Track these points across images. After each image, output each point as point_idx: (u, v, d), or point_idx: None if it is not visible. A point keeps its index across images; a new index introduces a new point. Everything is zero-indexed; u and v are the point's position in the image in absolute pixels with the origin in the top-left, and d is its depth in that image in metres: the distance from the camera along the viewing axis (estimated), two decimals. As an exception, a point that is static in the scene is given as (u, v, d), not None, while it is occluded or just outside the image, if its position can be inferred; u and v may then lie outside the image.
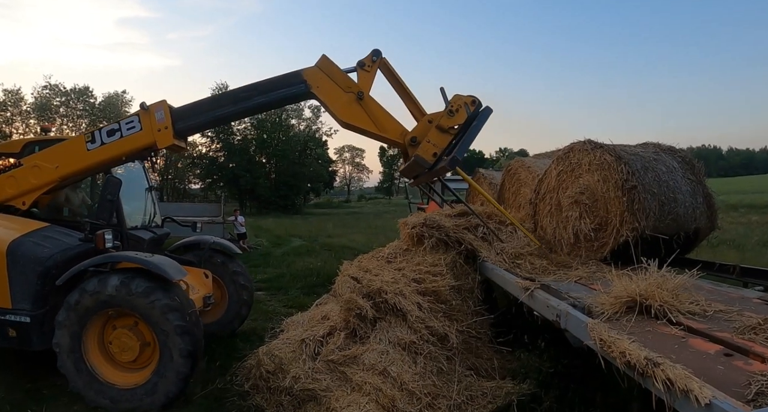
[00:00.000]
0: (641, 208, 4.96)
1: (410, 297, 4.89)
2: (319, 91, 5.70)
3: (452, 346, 4.68)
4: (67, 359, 4.86)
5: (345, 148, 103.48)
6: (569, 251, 5.82)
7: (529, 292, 3.85)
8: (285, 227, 26.12)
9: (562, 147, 6.38)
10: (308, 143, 53.49)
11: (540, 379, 4.48)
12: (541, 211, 6.41)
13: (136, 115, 5.65)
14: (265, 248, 17.50)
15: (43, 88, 49.93)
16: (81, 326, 4.83)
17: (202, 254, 6.74)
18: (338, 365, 4.47)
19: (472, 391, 4.25)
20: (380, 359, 4.29)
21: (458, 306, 5.08)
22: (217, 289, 6.84)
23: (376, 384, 4.08)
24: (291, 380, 4.35)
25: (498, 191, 8.69)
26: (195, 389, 5.13)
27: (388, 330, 4.67)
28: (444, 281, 5.15)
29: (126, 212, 6.10)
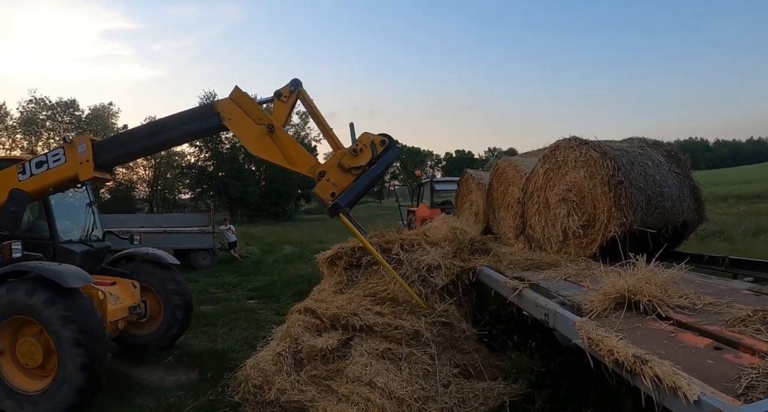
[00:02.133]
0: (628, 203, 4.95)
1: (370, 310, 4.87)
2: (231, 123, 5.68)
3: (428, 340, 4.62)
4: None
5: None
6: (558, 249, 5.81)
7: (518, 292, 3.82)
8: (276, 234, 26.00)
9: (543, 146, 6.40)
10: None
11: (532, 379, 4.44)
12: (529, 209, 6.40)
13: (61, 148, 5.75)
14: (256, 256, 17.41)
15: (28, 102, 49.64)
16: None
17: (135, 266, 6.84)
18: (322, 379, 4.41)
19: (463, 393, 4.19)
20: (364, 371, 4.23)
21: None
22: (156, 301, 6.86)
23: (364, 394, 4.03)
24: (277, 392, 4.29)
25: (486, 191, 8.66)
26: (186, 401, 5.10)
27: (362, 344, 4.62)
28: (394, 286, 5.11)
29: (64, 227, 6.44)
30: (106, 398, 5.22)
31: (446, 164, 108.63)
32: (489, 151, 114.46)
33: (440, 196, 14.94)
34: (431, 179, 14.57)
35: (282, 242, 22.33)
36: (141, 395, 5.29)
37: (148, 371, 6.10)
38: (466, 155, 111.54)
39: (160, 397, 5.24)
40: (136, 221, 16.53)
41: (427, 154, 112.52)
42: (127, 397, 5.28)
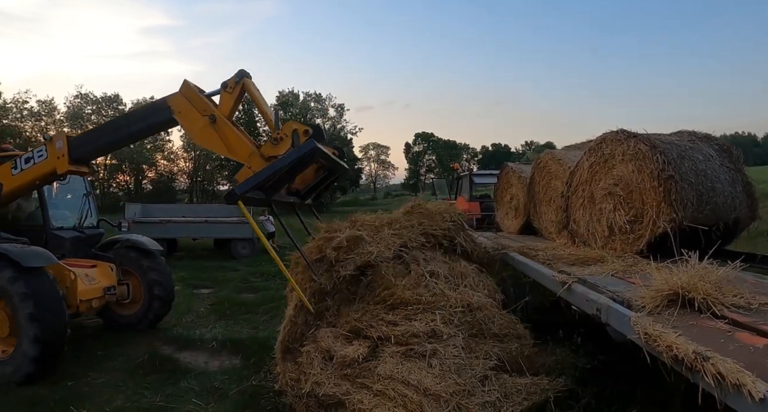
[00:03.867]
0: (678, 198, 4.81)
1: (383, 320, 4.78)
2: (180, 116, 5.95)
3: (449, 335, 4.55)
4: None
5: (370, 146, 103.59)
6: (603, 245, 5.69)
7: (567, 286, 3.77)
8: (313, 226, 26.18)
9: (591, 138, 6.25)
10: (333, 142, 53.50)
11: (576, 375, 4.38)
12: (573, 204, 6.29)
13: (44, 144, 6.43)
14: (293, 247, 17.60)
15: (75, 97, 51.33)
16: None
17: (119, 251, 7.33)
18: (354, 377, 4.43)
19: (505, 388, 4.15)
20: (396, 369, 4.22)
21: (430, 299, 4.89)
22: (138, 284, 7.34)
23: (399, 390, 4.02)
24: (313, 385, 4.34)
25: (528, 185, 8.54)
26: (230, 385, 5.25)
27: (385, 349, 4.61)
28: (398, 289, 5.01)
29: (60, 215, 7.26)
30: (154, 380, 5.43)
31: (482, 158, 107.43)
32: (526, 145, 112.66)
33: (479, 189, 14.83)
34: (470, 172, 14.44)
35: (319, 233, 22.54)
36: (186, 378, 5.46)
37: (193, 355, 6.28)
38: (502, 149, 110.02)
39: (205, 380, 5.40)
40: (178, 211, 16.96)
41: (462, 148, 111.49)
42: (173, 379, 5.47)
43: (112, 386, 5.38)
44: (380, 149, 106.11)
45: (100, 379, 5.59)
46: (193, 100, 5.88)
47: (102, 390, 5.27)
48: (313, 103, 53.71)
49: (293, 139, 5.50)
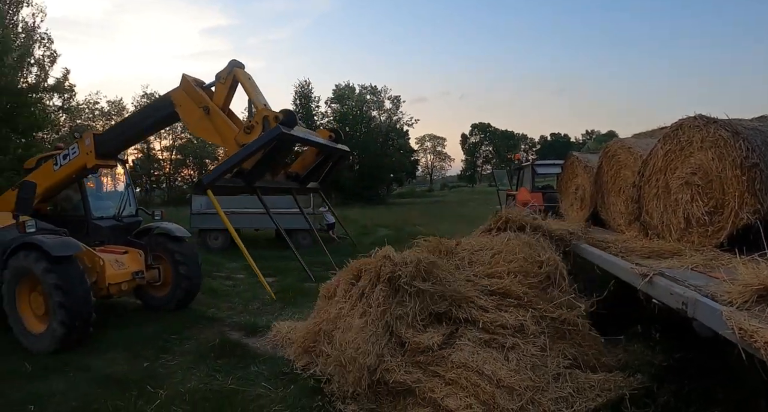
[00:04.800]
0: (764, 188, 4.52)
1: (475, 303, 4.80)
2: (180, 109, 6.30)
3: (535, 333, 4.51)
4: (8, 311, 6.41)
5: (426, 137, 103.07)
6: (679, 237, 5.43)
7: (648, 278, 3.61)
8: (370, 217, 26.44)
9: (663, 125, 5.96)
10: (390, 134, 53.74)
11: (653, 372, 4.21)
12: (646, 194, 6.02)
13: (76, 142, 7.12)
14: (353, 238, 17.79)
15: (141, 97, 53.54)
16: (12, 287, 6.38)
17: (151, 238, 7.88)
18: (427, 364, 4.42)
19: (578, 383, 4.06)
20: (471, 358, 4.19)
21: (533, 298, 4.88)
22: (168, 268, 7.93)
23: (472, 379, 4.00)
24: (383, 372, 4.36)
25: (595, 175, 8.26)
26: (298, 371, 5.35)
27: (466, 333, 4.58)
28: (511, 280, 4.99)
29: (102, 205, 7.90)
30: (225, 364, 5.62)
31: (541, 148, 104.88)
32: (586, 134, 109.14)
33: (541, 180, 14.49)
34: (532, 162, 14.10)
35: (376, 224, 22.67)
36: (255, 363, 5.63)
37: (260, 341, 6.46)
38: (561, 138, 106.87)
39: (273, 366, 5.55)
40: (241, 202, 17.41)
41: (520, 138, 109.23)
42: (243, 364, 5.65)
43: (184, 368, 5.63)
44: (436, 141, 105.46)
45: (173, 361, 5.87)
46: (190, 93, 6.23)
47: (176, 372, 5.53)
48: (369, 95, 53.82)
49: (264, 126, 5.65)
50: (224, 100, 6.34)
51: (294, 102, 51.43)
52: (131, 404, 4.62)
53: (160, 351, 6.17)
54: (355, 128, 51.77)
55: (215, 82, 6.37)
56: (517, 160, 18.30)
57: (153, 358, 5.96)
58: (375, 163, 49.86)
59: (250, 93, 6.25)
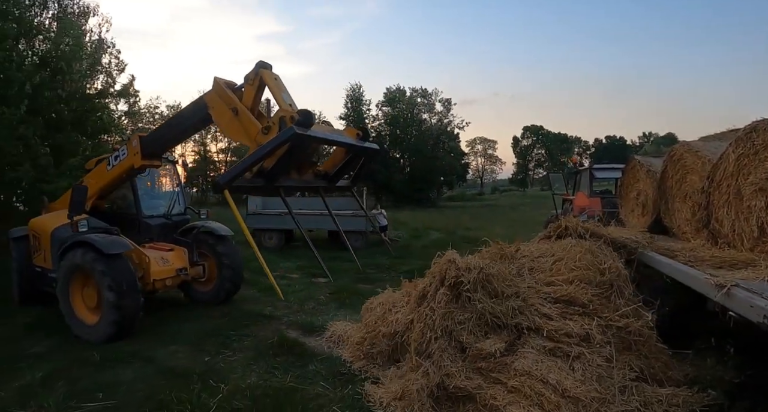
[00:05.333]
0: None
1: (539, 310, 4.71)
2: (213, 111, 6.47)
3: (601, 342, 4.39)
4: (62, 303, 6.83)
5: (477, 140, 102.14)
6: (752, 247, 5.17)
7: (726, 290, 3.46)
8: (421, 220, 26.38)
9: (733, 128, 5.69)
10: (441, 137, 53.52)
11: (724, 389, 4.03)
12: (716, 201, 5.77)
13: (126, 144, 7.56)
14: (404, 241, 17.83)
15: (199, 101, 55.21)
16: (66, 281, 6.81)
17: (196, 236, 8.26)
18: (489, 371, 4.37)
19: (645, 397, 3.93)
20: (535, 366, 4.13)
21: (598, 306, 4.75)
22: (212, 265, 8.35)
23: (536, 388, 3.93)
24: (443, 377, 4.34)
25: (659, 180, 7.96)
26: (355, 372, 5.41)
27: (529, 341, 4.50)
28: (574, 287, 4.88)
29: (152, 204, 8.37)
30: (283, 362, 5.75)
31: (595, 151, 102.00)
32: (644, 137, 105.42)
33: (599, 184, 14.10)
34: (590, 166, 13.74)
35: (427, 227, 22.61)
36: (313, 362, 5.72)
37: (317, 340, 6.55)
38: (617, 141, 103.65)
39: (331, 365, 5.62)
40: (295, 203, 17.74)
41: (574, 141, 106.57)
42: (301, 362, 5.75)
43: (244, 364, 5.78)
44: (487, 143, 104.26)
45: (233, 357, 6.03)
46: (221, 95, 6.44)
47: (236, 367, 5.68)
48: (419, 98, 53.78)
49: (280, 126, 5.74)
50: (252, 101, 6.58)
51: (345, 105, 52.11)
52: (195, 397, 4.78)
53: (221, 346, 6.36)
54: (406, 131, 51.87)
55: (244, 84, 6.57)
56: (574, 163, 17.87)
57: (214, 353, 6.16)
58: (426, 166, 49.79)
59: (275, 93, 6.50)
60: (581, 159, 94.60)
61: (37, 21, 13.14)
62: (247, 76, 6.59)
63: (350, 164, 7.36)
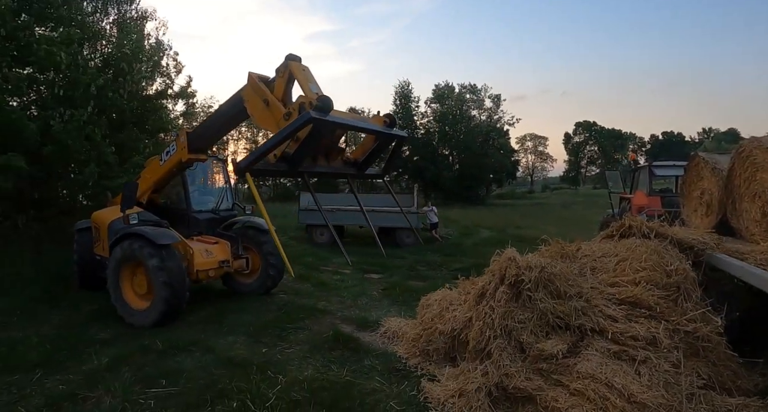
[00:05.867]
0: None
1: (603, 311, 4.58)
2: (248, 104, 6.69)
3: (668, 347, 4.25)
4: (112, 290, 7.31)
5: (527, 137, 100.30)
6: (832, 248, 4.91)
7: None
8: (471, 218, 26.16)
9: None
10: (490, 133, 52.86)
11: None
12: (790, 200, 5.49)
13: (175, 141, 7.96)
14: (455, 238, 17.74)
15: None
16: (117, 270, 7.31)
17: (240, 231, 8.69)
18: (550, 373, 4.29)
19: (713, 406, 3.78)
20: (599, 369, 4.02)
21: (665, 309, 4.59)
22: (256, 258, 8.78)
23: (600, 392, 3.84)
24: (502, 377, 4.30)
25: (726, 178, 7.61)
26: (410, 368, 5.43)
27: (593, 343, 4.40)
28: (640, 289, 4.72)
29: (202, 200, 8.81)
30: (339, 356, 5.83)
31: (651, 147, 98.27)
32: (703, 133, 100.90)
33: (660, 182, 13.60)
34: (649, 164, 13.25)
35: (477, 225, 22.41)
36: (369, 357, 5.78)
37: (371, 336, 6.61)
38: (675, 137, 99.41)
39: (386, 361, 5.66)
40: (346, 200, 17.92)
41: (628, 137, 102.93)
42: (356, 357, 5.82)
43: (300, 356, 5.89)
44: (538, 140, 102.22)
45: (290, 349, 6.16)
46: (255, 88, 6.65)
47: (292, 360, 5.80)
48: (468, 94, 53.23)
49: (300, 112, 5.84)
50: (283, 92, 6.77)
51: (394, 102, 52.10)
52: (254, 387, 4.90)
53: (277, 339, 6.52)
54: (454, 128, 51.48)
55: (275, 77, 6.75)
56: (632, 160, 17.29)
57: (271, 344, 6.31)
58: (475, 163, 49.27)
59: (302, 83, 6.65)
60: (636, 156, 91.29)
61: (99, 26, 13.78)
62: (277, 69, 6.83)
63: (378, 152, 7.49)
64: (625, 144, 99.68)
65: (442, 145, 52.47)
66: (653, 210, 11.21)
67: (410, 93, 52.15)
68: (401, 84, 52.11)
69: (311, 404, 4.60)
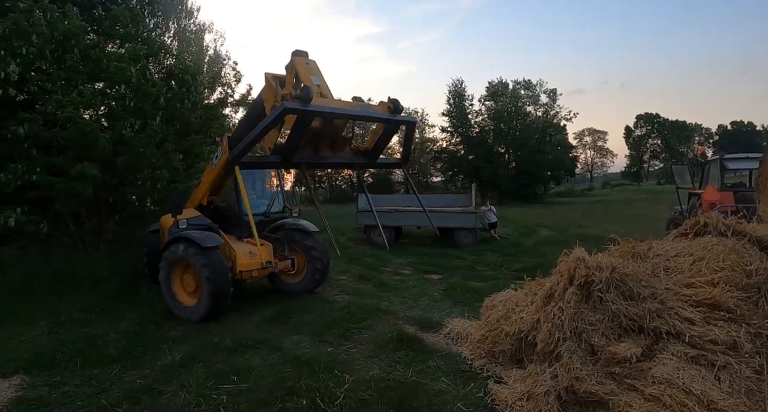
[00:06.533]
0: None
1: (679, 314, 4.38)
2: (267, 103, 6.87)
3: (749, 353, 4.01)
4: (165, 288, 7.95)
5: (585, 132, 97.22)
6: None
7: None
8: (529, 217, 25.68)
9: None
10: (547, 130, 51.70)
11: None
12: None
13: (220, 144, 8.38)
14: (514, 238, 17.45)
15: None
16: (169, 270, 7.93)
17: (286, 232, 9.05)
18: (623, 377, 4.15)
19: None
20: (676, 374, 3.86)
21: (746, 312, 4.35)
22: (301, 259, 9.11)
23: (677, 398, 3.68)
24: (572, 380, 4.19)
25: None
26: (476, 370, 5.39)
27: (668, 347, 4.21)
28: (719, 290, 4.48)
29: (255, 203, 9.03)
30: (403, 356, 5.85)
31: (719, 139, 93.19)
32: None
33: (732, 176, 12.92)
34: (721, 157, 12.59)
35: (537, 224, 21.95)
36: (433, 358, 5.77)
37: (435, 337, 6.60)
38: (745, 127, 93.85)
39: (451, 362, 5.63)
40: (403, 200, 17.97)
41: (694, 128, 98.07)
42: (421, 357, 5.81)
43: (365, 356, 5.95)
44: (597, 135, 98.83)
45: (354, 349, 6.23)
46: (269, 88, 6.83)
47: (357, 359, 5.87)
48: (523, 90, 52.24)
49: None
50: (292, 88, 6.84)
51: (447, 101, 51.85)
52: (322, 385, 4.99)
53: (341, 338, 6.61)
54: (510, 125, 50.68)
55: (286, 74, 7.01)
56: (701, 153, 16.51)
57: (336, 344, 6.41)
58: (532, 160, 48.31)
59: (303, 77, 6.72)
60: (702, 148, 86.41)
61: (161, 40, 14.47)
62: (286, 66, 7.01)
63: (385, 140, 7.49)
64: (690, 136, 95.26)
65: (497, 144, 51.77)
66: (725, 206, 10.66)
67: (464, 91, 51.76)
68: (454, 82, 51.84)
69: (379, 404, 4.64)
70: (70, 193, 9.91)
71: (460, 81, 51.67)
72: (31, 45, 10.01)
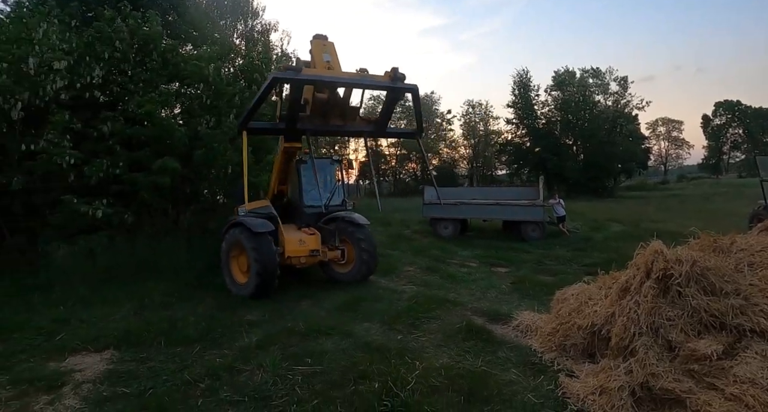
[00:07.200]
0: None
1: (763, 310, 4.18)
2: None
3: None
4: (223, 266, 8.94)
5: (659, 122, 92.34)
6: None
7: None
8: (599, 211, 24.90)
9: None
10: (617, 120, 49.75)
11: None
12: None
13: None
14: (584, 232, 17.00)
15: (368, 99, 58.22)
16: (228, 251, 8.90)
17: (338, 224, 9.49)
18: (703, 375, 4.03)
19: None
20: (760, 374, 3.74)
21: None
22: (351, 249, 9.49)
23: (762, 399, 3.55)
24: (648, 376, 4.11)
25: None
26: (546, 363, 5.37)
27: (753, 345, 4.03)
28: None
29: (315, 196, 9.28)
30: (473, 346, 5.93)
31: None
32: None
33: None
34: None
35: (607, 219, 21.25)
36: (503, 349, 5.82)
37: (504, 328, 6.63)
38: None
39: (521, 354, 5.67)
40: (469, 193, 17.89)
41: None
42: (490, 348, 5.88)
43: (435, 345, 6.06)
44: (671, 125, 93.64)
45: (424, 337, 6.36)
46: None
47: (427, 347, 5.99)
48: (591, 79, 50.42)
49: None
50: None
51: (512, 92, 50.92)
52: (394, 370, 5.12)
53: (410, 327, 6.75)
54: (578, 115, 49.19)
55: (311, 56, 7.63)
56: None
57: (405, 332, 6.56)
58: (601, 152, 46.73)
59: (316, 56, 7.28)
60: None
61: (230, 41, 15.09)
62: (310, 51, 7.61)
63: (389, 108, 7.98)
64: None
65: (564, 135, 50.46)
66: None
67: (529, 82, 50.68)
68: (519, 73, 50.86)
69: (449, 390, 4.75)
70: (151, 186, 10.61)
71: (525, 71, 50.69)
72: (115, 50, 10.85)
